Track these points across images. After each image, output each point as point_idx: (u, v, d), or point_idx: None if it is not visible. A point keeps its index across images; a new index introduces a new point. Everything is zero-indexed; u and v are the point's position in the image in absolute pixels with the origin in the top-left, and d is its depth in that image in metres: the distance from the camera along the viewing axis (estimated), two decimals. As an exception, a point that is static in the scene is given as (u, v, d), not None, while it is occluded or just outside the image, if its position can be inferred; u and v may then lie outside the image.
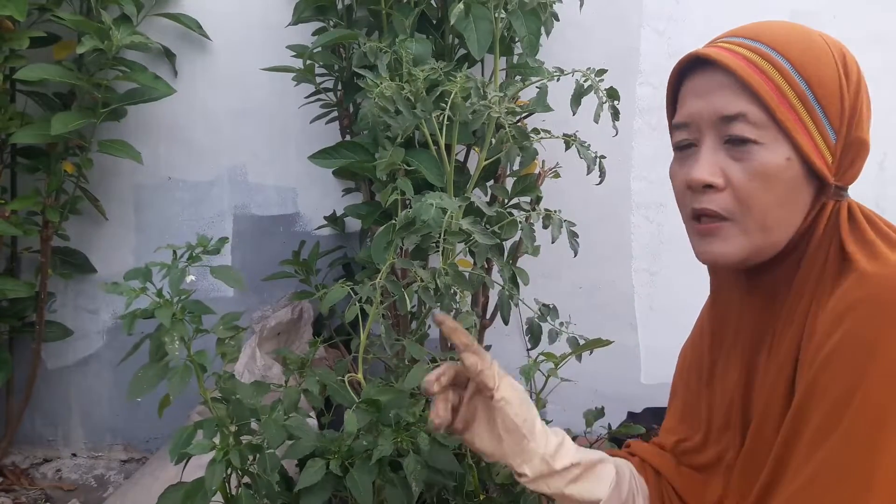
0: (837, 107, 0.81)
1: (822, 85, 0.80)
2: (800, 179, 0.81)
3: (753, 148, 0.81)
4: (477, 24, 1.43)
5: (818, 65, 0.81)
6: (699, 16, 1.91)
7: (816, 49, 0.82)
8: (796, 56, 0.81)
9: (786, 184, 0.80)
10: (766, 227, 0.82)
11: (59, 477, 2.05)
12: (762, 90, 0.79)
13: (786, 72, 0.80)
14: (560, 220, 1.30)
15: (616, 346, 1.33)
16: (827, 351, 0.74)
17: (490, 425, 0.89)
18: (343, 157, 1.53)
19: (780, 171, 0.80)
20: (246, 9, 1.94)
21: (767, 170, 0.80)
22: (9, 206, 1.77)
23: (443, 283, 1.11)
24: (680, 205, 0.89)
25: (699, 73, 0.85)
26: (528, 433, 0.88)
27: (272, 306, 1.97)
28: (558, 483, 0.90)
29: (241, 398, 1.07)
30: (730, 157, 0.82)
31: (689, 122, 0.85)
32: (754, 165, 0.80)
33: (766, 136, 0.80)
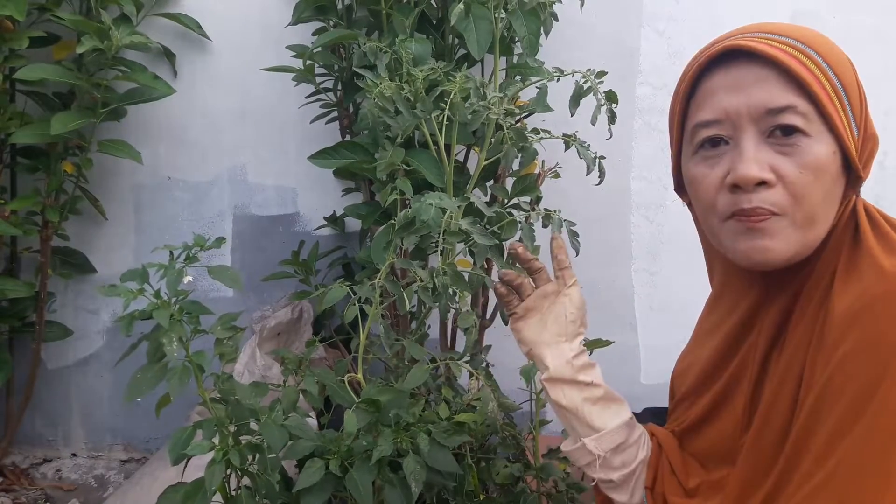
0: (858, 103, 0.82)
1: (849, 82, 0.81)
2: (839, 172, 0.81)
3: (803, 140, 0.79)
4: (477, 24, 1.43)
5: (843, 62, 0.82)
6: (699, 16, 1.91)
7: (836, 47, 0.83)
8: (826, 53, 0.81)
9: (832, 177, 0.80)
10: (814, 220, 0.80)
11: (59, 477, 2.05)
12: (812, 82, 0.78)
13: (822, 67, 0.80)
14: (560, 220, 1.29)
15: (616, 346, 1.33)
16: (845, 349, 0.73)
17: (542, 319, 1.03)
18: (343, 157, 1.53)
19: (828, 164, 0.79)
20: (246, 9, 1.94)
21: (819, 162, 0.79)
22: (8, 206, 1.77)
23: (441, 283, 1.11)
24: (709, 208, 0.85)
25: (730, 67, 0.82)
26: (569, 335, 1.00)
27: (272, 306, 1.97)
28: (575, 396, 0.96)
29: (239, 399, 1.07)
30: (776, 151, 0.79)
31: (721, 118, 0.82)
32: (806, 158, 0.79)
33: (813, 128, 0.79)
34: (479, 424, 1.22)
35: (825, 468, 0.73)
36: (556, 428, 1.44)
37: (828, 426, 0.73)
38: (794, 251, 0.81)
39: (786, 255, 0.80)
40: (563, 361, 0.97)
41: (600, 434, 0.95)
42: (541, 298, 1.06)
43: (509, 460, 1.30)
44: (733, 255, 0.84)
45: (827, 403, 0.74)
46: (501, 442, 1.29)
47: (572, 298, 1.03)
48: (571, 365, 0.96)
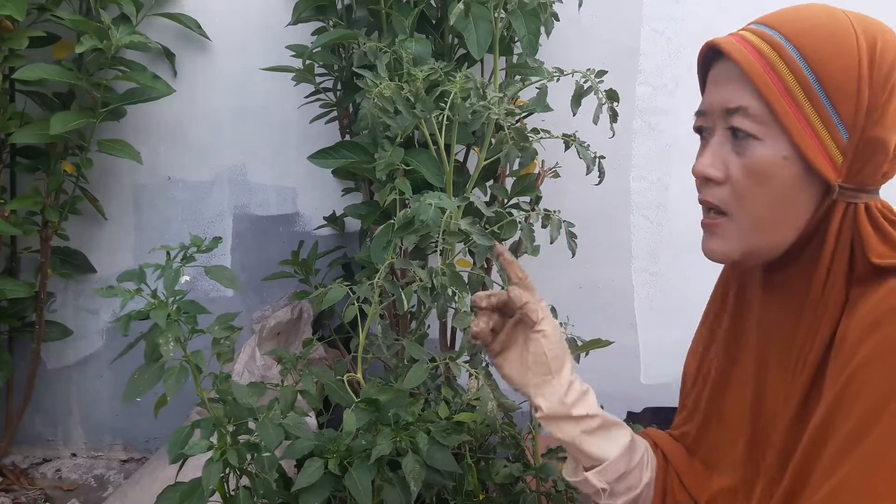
0: (852, 103, 0.75)
1: (835, 79, 0.75)
2: (799, 179, 0.77)
3: (752, 143, 0.78)
4: (476, 23, 1.43)
5: (834, 57, 0.76)
6: (699, 16, 1.91)
7: (838, 39, 0.76)
8: (810, 47, 0.76)
9: (782, 182, 0.77)
10: (760, 226, 0.79)
11: (58, 477, 2.05)
12: (762, 83, 0.76)
13: (794, 64, 0.76)
14: (559, 221, 1.29)
15: (616, 346, 1.33)
16: (860, 359, 0.71)
17: (522, 356, 0.94)
18: (342, 157, 1.53)
19: (775, 169, 0.77)
20: (246, 9, 1.94)
21: (762, 167, 0.77)
22: (8, 205, 1.77)
23: (439, 283, 1.11)
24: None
25: (719, 62, 0.82)
26: (554, 370, 0.92)
27: (272, 306, 1.97)
28: (571, 430, 0.92)
29: (237, 399, 1.07)
30: (733, 150, 0.79)
31: (705, 110, 0.83)
32: (749, 161, 0.78)
33: (765, 131, 0.77)
34: (479, 424, 1.22)
35: (836, 477, 0.71)
36: (556, 428, 1.44)
37: (841, 435, 0.71)
38: (741, 253, 0.81)
39: (731, 256, 0.82)
40: (555, 400, 0.92)
41: (603, 466, 0.92)
42: (513, 337, 0.96)
43: (509, 460, 1.30)
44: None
45: (841, 412, 0.72)
46: (501, 442, 1.29)
47: (546, 334, 0.92)
48: (563, 402, 0.92)
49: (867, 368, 0.71)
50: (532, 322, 0.92)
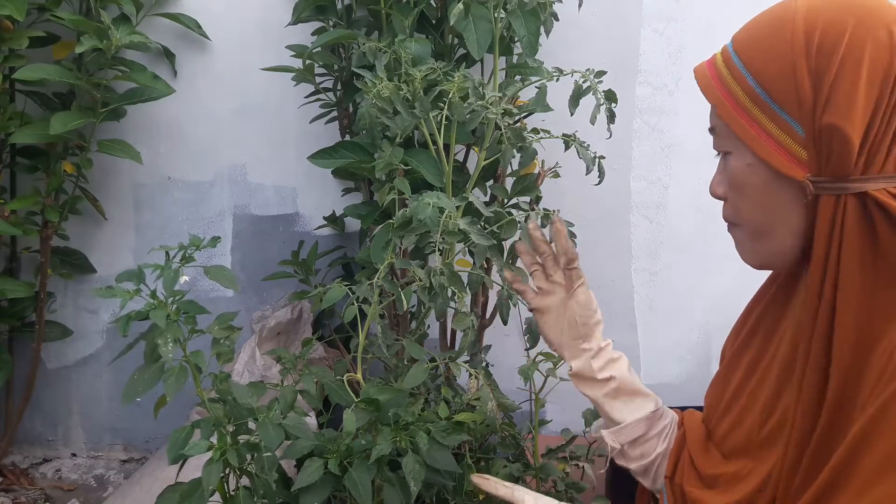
0: (793, 97, 0.74)
1: (770, 77, 0.76)
2: (771, 182, 0.78)
3: (728, 157, 0.82)
4: (476, 23, 1.43)
5: (769, 57, 0.76)
6: (699, 16, 1.91)
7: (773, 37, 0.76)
8: (748, 52, 0.78)
9: (757, 188, 0.79)
10: (760, 232, 0.82)
11: (58, 477, 2.05)
12: (715, 101, 0.80)
13: (736, 71, 0.78)
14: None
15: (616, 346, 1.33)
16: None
17: (557, 321, 1.06)
18: (342, 157, 1.53)
19: (746, 178, 0.80)
20: (246, 9, 1.94)
21: (736, 178, 0.81)
22: (8, 205, 1.77)
23: (437, 283, 1.11)
24: None
25: None
26: (584, 335, 1.03)
27: (272, 306, 1.97)
28: (595, 391, 1.03)
29: (236, 399, 1.07)
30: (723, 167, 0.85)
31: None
32: (728, 175, 0.82)
33: (732, 145, 0.81)
34: (479, 424, 1.22)
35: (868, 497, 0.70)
36: (556, 428, 1.44)
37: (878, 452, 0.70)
38: (757, 261, 0.85)
39: (753, 262, 0.86)
40: (583, 361, 1.03)
41: (618, 427, 1.01)
42: (548, 297, 1.08)
43: (509, 460, 1.30)
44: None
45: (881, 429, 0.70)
46: (501, 441, 1.29)
47: (579, 301, 1.04)
48: (590, 365, 1.01)
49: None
50: (572, 284, 1.04)
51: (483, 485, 1.03)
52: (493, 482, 1.02)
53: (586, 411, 1.36)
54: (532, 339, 1.32)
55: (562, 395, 1.41)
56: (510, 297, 1.30)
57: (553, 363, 1.24)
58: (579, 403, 1.68)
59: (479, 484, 1.03)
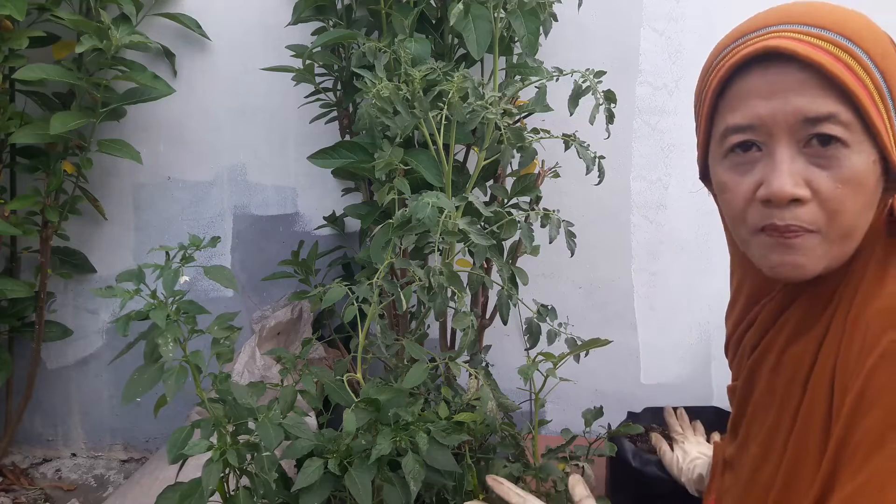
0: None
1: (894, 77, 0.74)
2: (879, 181, 0.75)
3: (843, 152, 0.73)
4: (476, 23, 1.43)
5: (889, 53, 0.74)
6: (699, 15, 1.91)
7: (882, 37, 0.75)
8: (871, 46, 0.73)
9: (871, 188, 0.74)
10: (849, 235, 0.75)
11: (58, 477, 2.05)
12: (856, 89, 0.72)
13: (866, 65, 0.72)
14: (558, 220, 1.29)
15: (616, 346, 1.33)
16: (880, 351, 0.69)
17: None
18: (342, 157, 1.53)
19: (867, 175, 0.74)
20: (246, 9, 1.94)
21: (857, 175, 0.73)
22: (8, 205, 1.77)
23: (437, 283, 1.11)
24: (738, 218, 0.80)
25: (768, 68, 0.75)
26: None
27: (272, 306, 1.97)
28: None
29: (236, 399, 1.07)
30: (813, 164, 0.74)
31: (756, 124, 0.76)
32: (844, 172, 0.73)
33: (853, 138, 0.73)
34: (479, 424, 1.22)
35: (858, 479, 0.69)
36: (556, 428, 1.44)
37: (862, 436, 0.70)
38: (826, 266, 0.77)
39: (817, 270, 0.77)
40: None
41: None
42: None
43: (509, 460, 1.29)
44: (761, 267, 0.80)
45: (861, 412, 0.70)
46: (501, 441, 1.29)
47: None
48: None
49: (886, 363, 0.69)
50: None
51: (496, 488, 1.01)
52: (507, 487, 1.01)
53: (586, 411, 1.36)
54: (532, 339, 1.32)
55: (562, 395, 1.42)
56: (510, 297, 1.31)
57: (553, 363, 1.24)
58: (579, 403, 1.69)
59: (492, 486, 1.02)
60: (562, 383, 1.27)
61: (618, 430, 1.38)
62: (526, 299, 1.33)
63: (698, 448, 1.29)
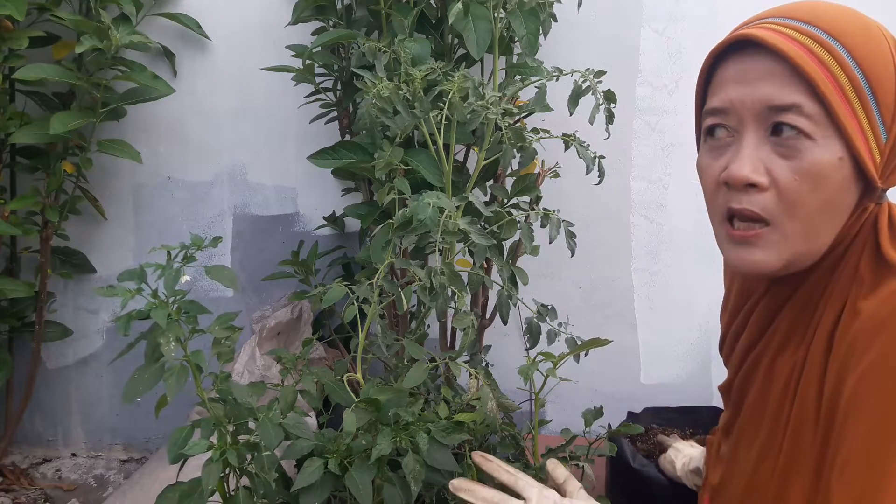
0: (892, 103, 0.73)
1: (880, 79, 0.73)
2: (849, 181, 0.74)
3: (805, 144, 0.73)
4: (476, 23, 1.43)
5: (878, 56, 0.73)
6: (699, 16, 1.91)
7: (876, 38, 0.74)
8: (856, 45, 0.73)
9: (835, 185, 0.74)
10: (809, 233, 0.75)
11: (58, 477, 2.05)
12: (820, 81, 0.72)
13: (845, 62, 0.72)
14: (558, 220, 1.29)
15: (616, 346, 1.33)
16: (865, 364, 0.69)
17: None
18: (342, 157, 1.53)
19: (831, 172, 0.73)
20: (246, 9, 1.94)
21: (819, 169, 0.73)
22: (8, 205, 1.77)
23: (438, 283, 1.11)
24: (710, 202, 0.82)
25: (743, 56, 0.77)
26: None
27: (272, 306, 1.97)
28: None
29: (236, 398, 1.06)
30: (776, 152, 0.75)
31: (727, 108, 0.77)
32: (803, 164, 0.73)
33: (818, 131, 0.73)
34: (479, 424, 1.22)
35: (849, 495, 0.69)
36: (556, 428, 1.44)
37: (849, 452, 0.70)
38: (786, 263, 0.77)
39: (776, 266, 0.77)
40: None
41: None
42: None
43: (509, 460, 1.29)
44: (726, 260, 0.82)
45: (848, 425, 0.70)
46: (501, 441, 1.29)
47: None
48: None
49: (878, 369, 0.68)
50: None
51: (484, 465, 0.97)
52: (496, 464, 0.96)
53: (586, 411, 1.36)
54: (532, 339, 1.32)
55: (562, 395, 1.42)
56: (510, 297, 1.31)
57: (553, 363, 1.24)
58: (579, 403, 1.68)
59: (479, 464, 0.97)
60: (562, 383, 1.27)
61: (618, 430, 1.38)
62: (526, 299, 1.33)
63: (690, 448, 1.30)
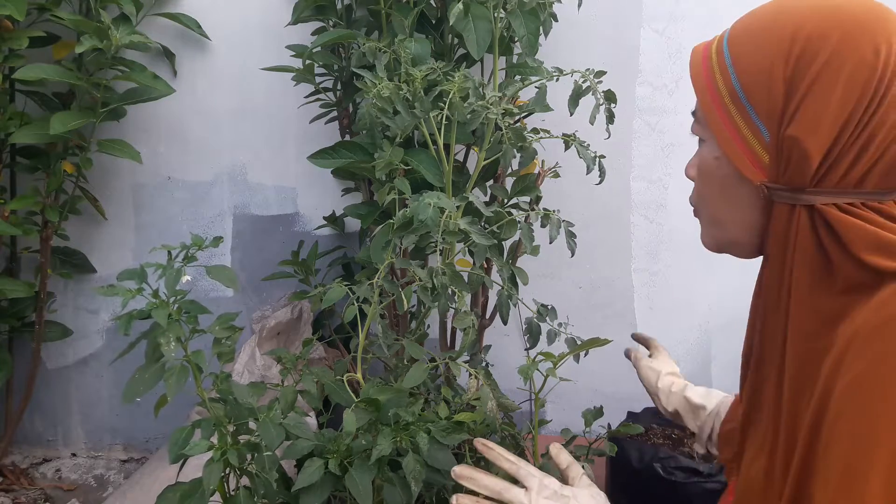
0: (766, 100, 0.73)
1: (750, 77, 0.74)
2: (734, 178, 0.79)
3: (701, 144, 0.83)
4: (476, 23, 1.43)
5: (752, 53, 0.75)
6: (699, 16, 1.91)
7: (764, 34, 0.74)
8: (738, 46, 0.77)
9: (720, 182, 0.81)
10: (716, 222, 0.84)
11: (58, 477, 2.06)
12: (697, 87, 0.80)
13: (723, 64, 0.77)
14: (558, 220, 1.29)
15: (616, 346, 1.33)
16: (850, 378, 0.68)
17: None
18: (342, 157, 1.53)
19: (711, 170, 0.81)
20: (246, 9, 1.94)
21: (702, 167, 0.83)
22: (8, 205, 1.77)
23: (439, 283, 1.11)
24: None
25: None
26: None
27: (272, 306, 1.97)
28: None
29: (237, 398, 1.06)
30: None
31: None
32: (697, 162, 0.84)
33: (707, 133, 0.81)
34: (479, 424, 1.22)
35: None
36: (556, 428, 1.44)
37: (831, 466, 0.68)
38: (714, 245, 0.86)
39: (709, 244, 0.87)
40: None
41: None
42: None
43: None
44: None
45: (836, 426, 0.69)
46: (501, 441, 1.29)
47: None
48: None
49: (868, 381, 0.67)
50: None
51: (486, 452, 0.96)
52: (497, 452, 0.95)
53: (586, 411, 1.36)
54: (532, 339, 1.32)
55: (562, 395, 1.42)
56: (510, 297, 1.31)
57: (553, 363, 1.24)
58: (580, 403, 1.68)
59: (481, 451, 0.96)
60: (562, 383, 1.27)
61: (618, 430, 1.38)
62: (526, 299, 1.33)
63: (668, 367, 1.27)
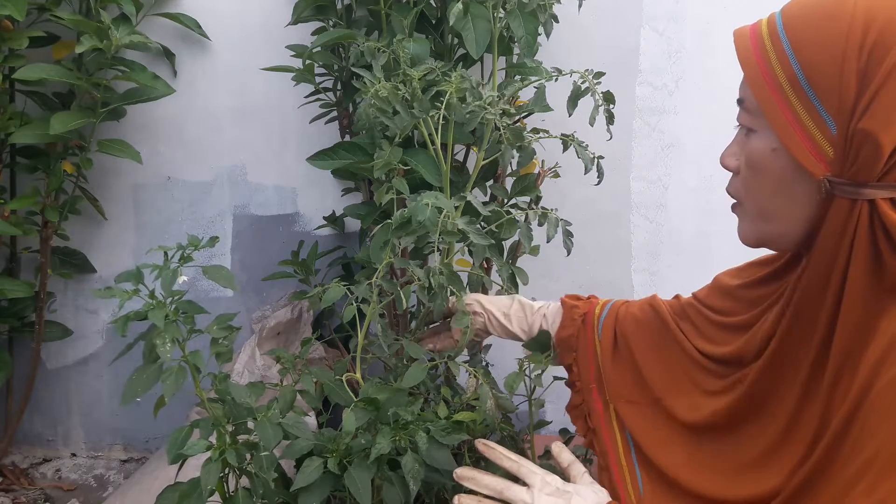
0: (836, 93, 0.71)
1: (817, 68, 0.72)
2: (791, 171, 0.76)
3: (751, 135, 0.79)
4: (475, 23, 1.43)
5: (819, 43, 0.72)
6: (699, 16, 1.91)
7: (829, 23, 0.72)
8: (798, 33, 0.73)
9: (775, 174, 0.77)
10: (764, 215, 0.81)
11: (58, 477, 2.06)
12: (749, 74, 0.76)
13: (781, 51, 0.73)
14: (556, 219, 1.29)
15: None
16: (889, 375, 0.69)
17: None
18: (341, 157, 1.53)
19: (765, 162, 0.77)
20: (246, 9, 1.94)
21: (755, 159, 0.79)
22: (8, 205, 1.77)
23: (437, 283, 1.11)
24: None
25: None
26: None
27: (271, 306, 1.97)
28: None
29: (235, 398, 1.07)
30: (742, 141, 0.82)
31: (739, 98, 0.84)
32: (746, 153, 0.80)
33: (759, 123, 0.78)
34: (478, 424, 1.22)
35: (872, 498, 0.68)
36: (554, 428, 1.44)
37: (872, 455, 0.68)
38: (756, 239, 0.83)
39: (748, 241, 0.84)
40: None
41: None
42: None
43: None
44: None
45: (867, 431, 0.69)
46: (500, 441, 1.29)
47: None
48: None
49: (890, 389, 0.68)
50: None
51: (487, 452, 0.97)
52: (499, 452, 0.97)
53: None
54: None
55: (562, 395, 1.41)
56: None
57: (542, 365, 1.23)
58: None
59: (482, 451, 0.98)
60: (562, 383, 1.27)
61: (617, 429, 1.38)
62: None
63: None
